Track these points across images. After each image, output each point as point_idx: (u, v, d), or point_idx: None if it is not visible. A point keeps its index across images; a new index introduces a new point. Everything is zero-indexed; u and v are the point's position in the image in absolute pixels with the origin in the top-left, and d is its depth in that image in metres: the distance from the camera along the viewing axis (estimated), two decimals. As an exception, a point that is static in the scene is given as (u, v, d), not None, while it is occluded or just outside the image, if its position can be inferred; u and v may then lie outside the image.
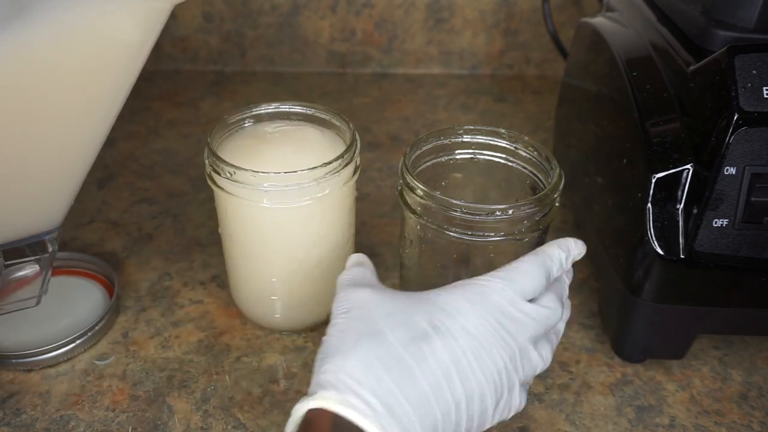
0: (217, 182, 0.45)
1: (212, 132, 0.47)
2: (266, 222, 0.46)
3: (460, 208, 0.40)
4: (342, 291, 0.39)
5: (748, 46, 0.40)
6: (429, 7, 0.88)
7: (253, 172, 0.43)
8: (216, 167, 0.45)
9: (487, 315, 0.36)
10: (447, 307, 0.36)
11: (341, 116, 0.49)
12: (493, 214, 0.40)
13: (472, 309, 0.35)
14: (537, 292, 0.38)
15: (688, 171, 0.41)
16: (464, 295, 0.36)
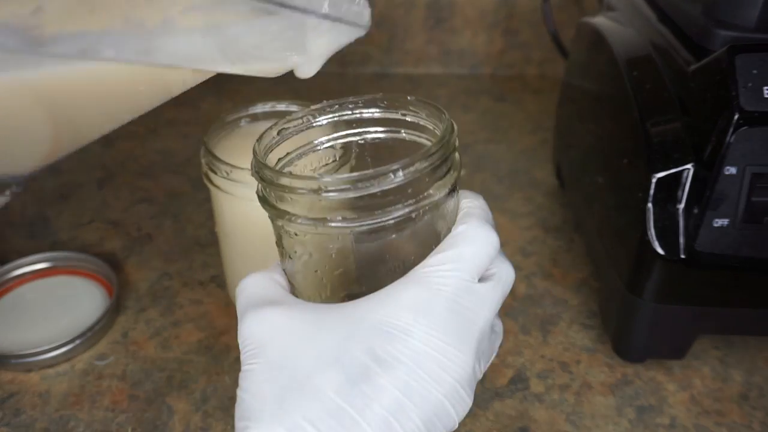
0: (213, 181, 0.45)
1: (209, 131, 0.47)
2: (262, 220, 0.45)
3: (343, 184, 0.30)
4: (246, 318, 0.31)
5: (748, 45, 0.40)
6: (429, 6, 0.88)
7: (249, 170, 0.43)
8: (212, 166, 0.45)
9: (440, 321, 0.29)
10: (390, 327, 0.28)
11: None
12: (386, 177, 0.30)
13: (422, 322, 0.29)
14: (492, 258, 0.32)
15: (689, 171, 0.41)
16: (409, 303, 0.29)
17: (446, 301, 0.29)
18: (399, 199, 0.31)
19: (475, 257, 0.31)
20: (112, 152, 0.74)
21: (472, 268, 0.30)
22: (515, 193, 0.67)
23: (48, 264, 0.56)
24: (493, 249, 0.31)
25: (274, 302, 0.31)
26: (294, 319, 0.30)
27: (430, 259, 0.31)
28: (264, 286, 0.33)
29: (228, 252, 0.50)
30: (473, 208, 0.33)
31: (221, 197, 0.46)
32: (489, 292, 0.31)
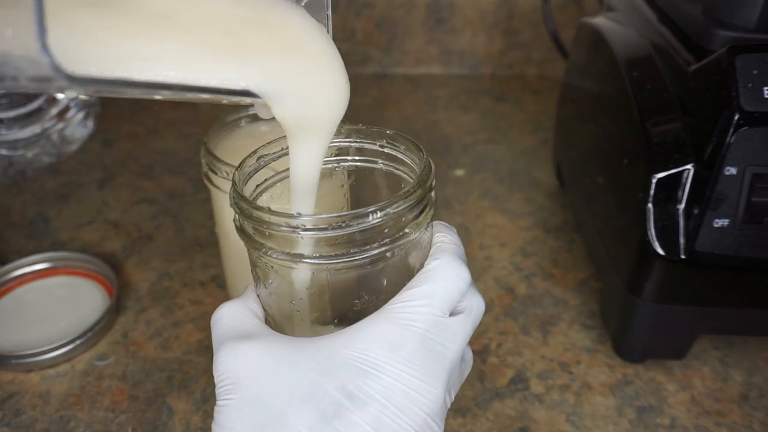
0: (213, 181, 0.45)
1: (209, 131, 0.47)
2: None
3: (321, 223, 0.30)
4: (220, 351, 0.31)
5: (748, 46, 0.40)
6: (429, 7, 0.88)
7: None
8: (213, 166, 0.45)
9: (412, 357, 0.29)
10: (362, 363, 0.29)
11: None
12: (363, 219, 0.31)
13: (394, 358, 0.29)
14: (463, 293, 0.32)
15: (689, 171, 0.41)
16: (381, 339, 0.29)
17: (418, 337, 0.30)
18: (375, 239, 0.31)
19: (447, 293, 0.31)
20: (113, 152, 0.74)
21: (444, 303, 0.31)
22: (515, 194, 0.67)
23: (48, 264, 0.56)
24: (464, 284, 0.32)
25: (250, 336, 0.31)
26: (269, 355, 0.30)
27: (403, 294, 0.31)
28: (239, 318, 0.33)
29: (228, 252, 0.50)
30: (446, 243, 0.34)
31: (221, 198, 0.46)
32: (460, 325, 0.31)
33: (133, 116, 0.80)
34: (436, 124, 0.80)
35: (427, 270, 0.32)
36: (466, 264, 0.33)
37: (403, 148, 0.37)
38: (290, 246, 0.31)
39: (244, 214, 0.32)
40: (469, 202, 0.66)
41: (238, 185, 0.34)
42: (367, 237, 0.31)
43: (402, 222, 0.32)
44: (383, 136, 0.37)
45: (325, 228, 0.30)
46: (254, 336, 0.31)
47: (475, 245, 0.60)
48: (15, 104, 0.66)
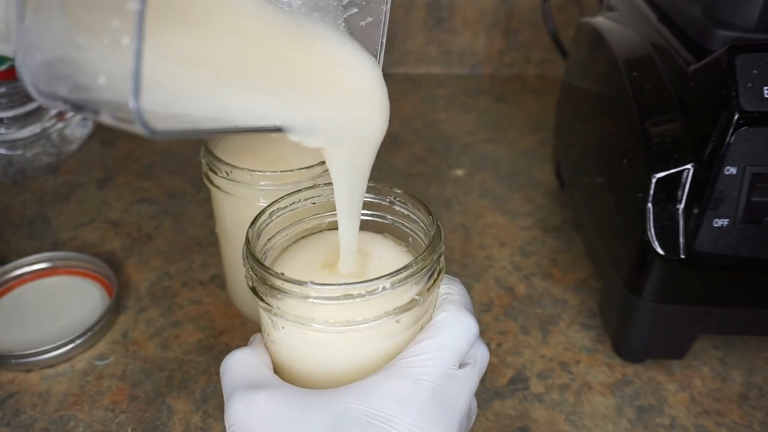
0: (213, 181, 0.45)
1: None
2: None
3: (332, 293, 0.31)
4: (232, 400, 0.31)
5: (748, 45, 0.40)
6: (429, 7, 0.88)
7: (249, 170, 0.43)
8: (212, 166, 0.45)
9: (423, 410, 0.29)
10: (374, 418, 0.29)
11: None
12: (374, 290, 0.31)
13: (405, 413, 0.29)
14: (471, 344, 0.33)
15: (689, 171, 0.41)
16: (392, 394, 0.29)
17: (428, 391, 0.30)
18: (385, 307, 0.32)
19: (455, 345, 0.32)
20: (112, 152, 0.74)
21: (452, 355, 0.31)
22: (515, 193, 0.67)
23: (48, 264, 0.56)
24: (472, 335, 0.33)
25: (261, 386, 0.31)
26: (280, 405, 0.30)
27: (412, 348, 0.31)
28: (251, 366, 0.33)
29: (228, 252, 0.50)
30: (452, 295, 0.34)
31: (221, 197, 0.46)
32: (468, 376, 0.32)
33: (133, 116, 0.80)
34: (436, 124, 0.80)
35: (435, 323, 0.33)
36: (473, 315, 0.34)
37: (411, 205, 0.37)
38: (301, 309, 0.31)
39: (258, 276, 0.32)
40: (469, 201, 0.66)
41: (251, 243, 0.34)
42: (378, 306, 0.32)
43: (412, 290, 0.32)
44: (392, 193, 0.38)
45: (336, 297, 0.31)
46: (265, 386, 0.31)
47: (474, 245, 0.60)
48: (15, 104, 0.66)
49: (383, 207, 0.38)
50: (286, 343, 0.34)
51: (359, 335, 0.32)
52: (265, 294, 0.33)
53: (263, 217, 0.36)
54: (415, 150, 0.75)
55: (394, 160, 0.73)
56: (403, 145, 0.76)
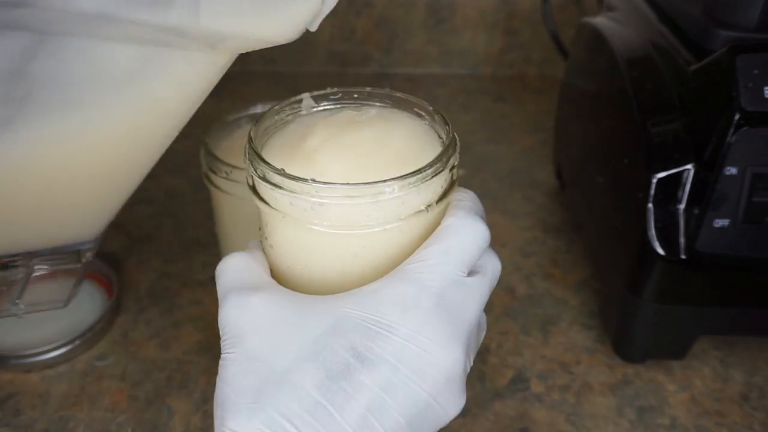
0: (213, 182, 0.45)
1: (209, 131, 0.47)
2: None
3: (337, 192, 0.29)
4: (226, 301, 0.30)
5: (749, 45, 0.40)
6: (429, 6, 0.88)
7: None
8: (212, 166, 0.45)
9: (428, 317, 0.28)
10: (373, 324, 0.28)
11: None
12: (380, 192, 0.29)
13: (409, 319, 0.28)
14: (482, 249, 0.31)
15: (689, 171, 0.41)
16: (394, 299, 0.28)
17: (434, 297, 0.28)
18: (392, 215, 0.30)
19: (464, 250, 0.30)
20: (112, 152, 0.74)
21: (461, 261, 0.29)
22: (515, 193, 0.67)
23: (48, 264, 0.56)
24: (482, 240, 0.31)
25: (257, 288, 0.30)
26: (276, 309, 0.29)
27: (418, 253, 0.30)
28: (246, 269, 0.32)
29: (228, 252, 0.49)
30: (463, 200, 0.32)
31: (221, 198, 0.46)
32: (478, 285, 0.30)
33: (133, 116, 0.80)
34: (436, 124, 0.80)
35: (443, 227, 0.31)
36: (485, 221, 0.31)
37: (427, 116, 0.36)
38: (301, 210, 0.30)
39: (258, 173, 0.31)
40: (469, 202, 0.66)
41: (254, 141, 0.32)
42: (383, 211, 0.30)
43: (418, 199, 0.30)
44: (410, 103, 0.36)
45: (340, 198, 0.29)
46: (261, 289, 0.30)
47: (475, 245, 0.60)
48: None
49: None
50: (284, 247, 0.33)
51: (361, 240, 0.31)
52: (264, 192, 0.31)
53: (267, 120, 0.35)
54: (415, 150, 0.75)
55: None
56: (403, 145, 0.76)
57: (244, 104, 0.50)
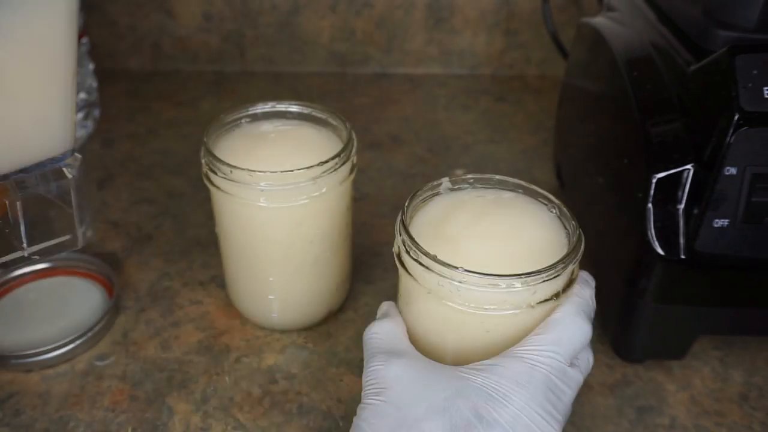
0: (213, 182, 0.45)
1: (208, 131, 0.47)
2: (263, 221, 0.46)
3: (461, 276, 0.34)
4: (373, 360, 0.36)
5: (748, 46, 0.40)
6: (429, 7, 0.88)
7: (249, 171, 0.43)
8: (212, 166, 0.45)
9: (537, 394, 0.32)
10: (494, 393, 0.32)
11: (338, 115, 0.49)
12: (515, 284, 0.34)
13: (522, 393, 0.32)
14: (584, 346, 0.36)
15: (689, 171, 0.41)
16: (512, 375, 0.33)
17: (543, 378, 0.33)
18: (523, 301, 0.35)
19: (571, 344, 0.34)
20: (112, 152, 0.74)
21: (567, 352, 0.34)
22: (515, 193, 0.67)
23: (48, 264, 0.56)
24: (585, 339, 0.35)
25: (400, 353, 0.36)
26: (414, 371, 0.34)
27: (530, 338, 0.34)
28: (393, 336, 0.37)
29: (228, 253, 0.50)
30: (577, 297, 0.37)
31: (221, 198, 0.46)
32: (575, 376, 0.35)
33: (133, 116, 0.80)
34: (436, 124, 0.80)
35: (554, 319, 0.35)
36: (591, 321, 0.36)
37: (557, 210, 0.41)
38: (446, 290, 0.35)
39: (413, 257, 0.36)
40: (469, 202, 0.66)
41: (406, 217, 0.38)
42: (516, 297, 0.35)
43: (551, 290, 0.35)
44: None
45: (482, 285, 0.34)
46: (403, 354, 0.36)
47: (475, 245, 0.60)
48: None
49: None
50: (423, 317, 0.38)
51: (494, 320, 0.36)
52: (413, 269, 0.36)
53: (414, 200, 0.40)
54: (415, 150, 0.75)
55: (394, 160, 0.73)
56: (403, 145, 0.76)
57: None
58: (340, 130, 0.49)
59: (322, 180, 0.44)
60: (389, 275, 0.56)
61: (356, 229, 0.62)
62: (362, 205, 0.65)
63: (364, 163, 0.73)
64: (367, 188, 0.68)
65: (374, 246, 0.60)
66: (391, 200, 0.66)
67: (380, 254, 0.59)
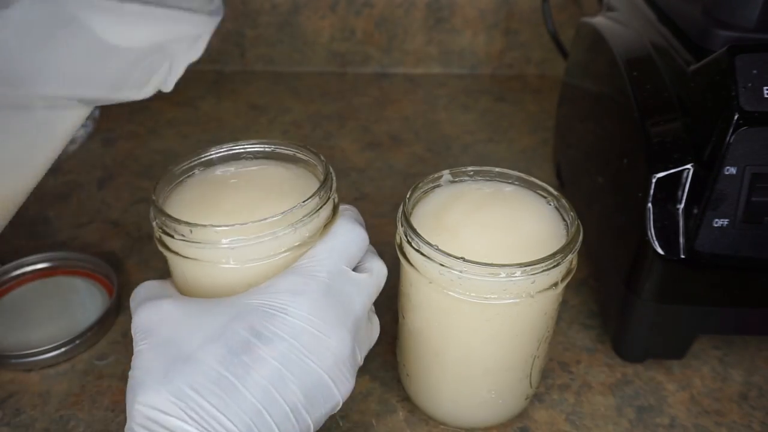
0: (170, 246, 0.36)
1: (157, 187, 0.39)
2: (234, 284, 0.36)
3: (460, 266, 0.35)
4: (138, 310, 0.34)
5: (748, 45, 0.40)
6: (429, 6, 0.88)
7: (213, 227, 0.35)
8: (166, 228, 0.36)
9: (316, 301, 0.32)
10: (269, 309, 0.32)
11: (309, 149, 0.41)
12: (515, 274, 0.35)
13: (299, 302, 0.32)
14: (363, 252, 0.37)
15: (689, 171, 0.41)
16: (288, 287, 0.32)
17: (321, 285, 0.33)
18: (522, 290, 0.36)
19: (345, 248, 0.35)
20: (112, 152, 0.74)
21: (344, 256, 0.35)
22: (515, 193, 0.67)
23: (48, 264, 0.56)
24: (361, 241, 0.36)
25: (167, 296, 0.35)
26: (183, 307, 0.33)
27: (306, 252, 0.35)
28: (157, 286, 0.36)
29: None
30: (345, 210, 0.38)
31: (181, 264, 0.37)
32: (364, 281, 0.35)
33: (133, 116, 0.80)
34: (436, 124, 0.80)
35: (328, 231, 0.36)
36: (364, 227, 0.37)
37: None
38: None
39: (415, 248, 0.36)
40: (469, 201, 0.66)
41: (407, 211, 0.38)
42: (516, 286, 0.35)
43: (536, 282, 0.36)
44: None
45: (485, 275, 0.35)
46: (170, 296, 0.35)
47: (474, 245, 0.60)
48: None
49: None
50: (426, 306, 0.39)
51: (494, 309, 0.36)
52: (414, 259, 0.37)
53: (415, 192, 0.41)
54: (415, 150, 0.75)
55: (394, 160, 0.73)
56: (403, 145, 0.76)
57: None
58: (313, 165, 0.41)
59: (303, 225, 0.36)
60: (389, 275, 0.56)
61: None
62: (362, 205, 0.65)
63: (364, 163, 0.73)
64: (367, 188, 0.68)
65: (374, 246, 0.60)
66: (391, 200, 0.66)
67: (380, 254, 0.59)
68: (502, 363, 0.39)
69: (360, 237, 0.37)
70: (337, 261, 0.34)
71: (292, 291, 0.32)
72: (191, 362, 0.30)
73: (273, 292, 0.32)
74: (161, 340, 0.32)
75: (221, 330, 0.31)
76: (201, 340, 0.31)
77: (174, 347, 0.31)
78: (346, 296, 0.34)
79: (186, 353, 0.31)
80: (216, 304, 0.33)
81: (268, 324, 0.31)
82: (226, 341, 0.31)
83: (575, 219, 0.38)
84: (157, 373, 0.30)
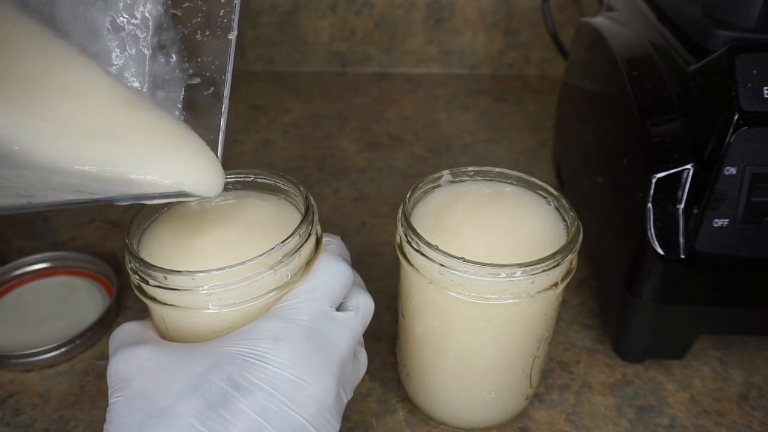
0: (147, 293, 0.35)
1: (131, 227, 0.37)
2: (215, 328, 0.34)
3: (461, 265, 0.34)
4: (115, 356, 0.32)
5: (748, 45, 0.40)
6: (429, 6, 0.88)
7: (189, 273, 0.32)
8: (143, 274, 0.34)
9: (298, 347, 0.30)
10: (248, 357, 0.30)
11: (287, 178, 0.39)
12: (515, 274, 0.34)
13: (280, 350, 0.30)
14: (347, 288, 0.34)
15: (689, 171, 0.41)
16: (268, 334, 0.31)
17: (302, 329, 0.31)
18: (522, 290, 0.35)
19: (328, 287, 0.33)
20: (112, 152, 0.74)
21: (327, 296, 0.33)
22: (515, 193, 0.67)
23: (48, 264, 0.56)
24: (345, 278, 0.34)
25: (144, 341, 0.33)
26: (161, 356, 0.31)
27: (287, 294, 0.33)
28: (136, 330, 0.34)
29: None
30: (328, 244, 0.36)
31: (159, 310, 0.35)
32: (349, 320, 0.33)
33: (133, 116, 0.80)
34: (436, 124, 0.80)
35: (310, 269, 0.34)
36: (348, 262, 0.35)
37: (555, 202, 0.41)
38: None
39: (415, 248, 0.36)
40: (469, 201, 0.66)
41: (407, 211, 0.38)
42: (516, 287, 0.35)
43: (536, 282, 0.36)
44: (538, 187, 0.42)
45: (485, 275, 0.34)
46: (148, 342, 0.33)
47: (474, 245, 0.60)
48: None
49: None
50: (426, 307, 0.38)
51: (495, 309, 0.36)
52: (414, 259, 0.37)
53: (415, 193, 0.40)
54: (415, 150, 0.75)
55: (394, 160, 0.73)
56: (403, 145, 0.76)
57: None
58: (293, 195, 0.39)
59: (284, 266, 0.34)
60: (389, 275, 0.56)
61: (356, 229, 0.62)
62: (362, 205, 0.65)
63: (364, 163, 0.73)
64: (367, 188, 0.68)
65: (374, 246, 0.60)
66: (391, 200, 0.66)
67: (380, 254, 0.59)
68: (502, 363, 0.39)
69: (343, 274, 0.34)
70: (319, 302, 0.33)
71: (273, 337, 0.31)
72: (167, 417, 0.29)
73: (252, 338, 0.31)
74: (136, 392, 0.30)
75: (198, 381, 0.29)
76: (177, 392, 0.29)
77: (149, 401, 0.29)
78: (330, 338, 0.32)
79: (162, 407, 0.29)
80: (193, 353, 0.31)
81: (246, 374, 0.29)
82: (204, 393, 0.29)
83: (575, 219, 0.38)
84: (132, 429, 0.29)
